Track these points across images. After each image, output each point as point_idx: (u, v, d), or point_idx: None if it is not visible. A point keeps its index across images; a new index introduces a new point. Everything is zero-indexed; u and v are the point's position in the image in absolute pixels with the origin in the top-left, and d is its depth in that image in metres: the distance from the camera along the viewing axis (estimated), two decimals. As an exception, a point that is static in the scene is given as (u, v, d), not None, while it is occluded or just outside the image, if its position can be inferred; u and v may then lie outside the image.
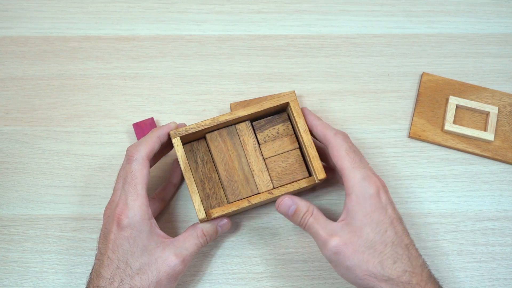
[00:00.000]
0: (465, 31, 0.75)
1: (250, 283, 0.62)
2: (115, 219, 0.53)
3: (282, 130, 0.60)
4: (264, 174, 0.59)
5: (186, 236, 0.56)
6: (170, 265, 0.53)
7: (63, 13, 0.74)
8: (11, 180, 0.66)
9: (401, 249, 0.52)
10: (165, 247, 0.54)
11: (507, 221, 0.65)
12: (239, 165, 0.59)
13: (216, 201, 0.59)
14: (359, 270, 0.52)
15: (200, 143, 0.61)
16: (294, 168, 0.59)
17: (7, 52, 0.72)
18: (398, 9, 0.76)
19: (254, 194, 0.58)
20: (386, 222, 0.53)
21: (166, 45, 0.73)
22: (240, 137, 0.59)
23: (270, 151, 0.60)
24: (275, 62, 0.72)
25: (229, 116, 0.58)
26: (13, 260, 0.62)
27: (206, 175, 0.60)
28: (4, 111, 0.69)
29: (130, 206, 0.53)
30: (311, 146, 0.57)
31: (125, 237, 0.53)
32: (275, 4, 0.76)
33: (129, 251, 0.52)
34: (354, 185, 0.54)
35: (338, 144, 0.56)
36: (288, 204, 0.56)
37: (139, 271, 0.52)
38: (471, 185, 0.67)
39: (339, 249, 0.52)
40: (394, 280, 0.51)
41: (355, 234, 0.53)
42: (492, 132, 0.67)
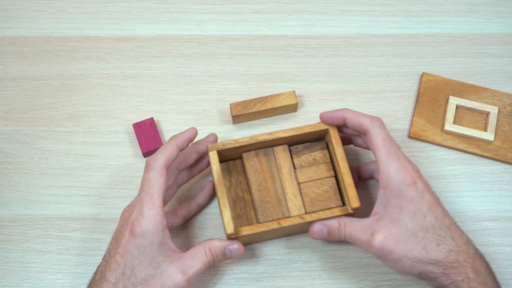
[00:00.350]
0: (465, 31, 0.75)
1: (250, 283, 0.62)
2: (129, 225, 0.53)
3: (319, 158, 0.60)
4: (297, 199, 0.58)
5: (194, 253, 0.55)
6: (175, 281, 0.52)
7: (63, 13, 0.74)
8: (11, 180, 0.66)
9: (443, 231, 0.53)
10: (173, 262, 0.53)
11: (507, 221, 0.65)
12: (273, 186, 0.59)
13: (246, 221, 0.59)
14: (405, 260, 0.53)
15: (236, 163, 0.61)
16: (328, 196, 0.59)
17: (7, 52, 0.72)
18: (398, 9, 0.76)
19: (285, 217, 0.58)
20: (424, 209, 0.54)
21: (166, 45, 0.73)
22: (276, 159, 0.60)
23: (305, 176, 0.59)
24: (275, 62, 0.72)
25: (267, 136, 0.58)
26: (13, 260, 0.62)
27: (238, 195, 0.60)
28: (4, 111, 0.69)
29: (145, 215, 0.53)
30: (347, 174, 0.57)
31: (135, 244, 0.52)
32: (275, 4, 0.76)
33: (137, 259, 0.52)
34: (389, 179, 0.54)
35: (375, 133, 0.56)
36: (320, 229, 0.57)
37: (143, 281, 0.52)
38: (471, 185, 0.67)
39: (382, 245, 0.53)
40: (441, 261, 0.52)
41: (393, 226, 0.53)
42: (492, 132, 0.67)
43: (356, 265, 0.63)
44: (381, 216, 0.55)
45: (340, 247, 0.63)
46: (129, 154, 0.67)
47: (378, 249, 0.53)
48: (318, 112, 0.69)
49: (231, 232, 0.54)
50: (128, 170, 0.66)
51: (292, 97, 0.68)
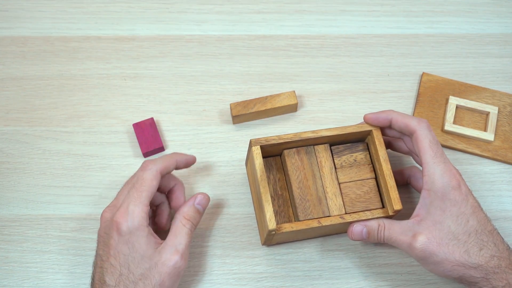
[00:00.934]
0: (465, 31, 0.75)
1: (250, 283, 0.62)
2: (114, 224, 0.53)
3: (360, 159, 0.60)
4: (337, 198, 0.58)
5: (174, 232, 0.55)
6: (170, 264, 0.53)
7: (63, 13, 0.74)
8: (11, 180, 0.66)
9: (486, 236, 0.53)
10: (161, 251, 0.54)
11: (507, 221, 0.65)
12: (314, 185, 0.59)
13: (284, 219, 0.59)
14: (447, 263, 0.53)
15: (276, 160, 0.61)
16: (368, 197, 0.59)
17: (7, 52, 0.72)
18: (398, 9, 0.76)
19: (325, 216, 0.58)
20: (468, 212, 0.54)
21: (166, 45, 0.73)
22: (317, 158, 0.59)
23: (346, 177, 0.59)
24: (275, 62, 0.72)
25: (311, 134, 0.58)
26: (13, 260, 0.62)
27: (277, 192, 0.60)
28: (4, 111, 0.69)
29: (130, 211, 0.53)
30: (390, 176, 0.57)
31: (124, 242, 0.53)
32: (275, 4, 0.76)
33: (130, 257, 0.53)
34: (434, 181, 0.54)
35: (423, 134, 0.55)
36: (359, 229, 0.57)
37: (141, 276, 0.52)
38: (471, 185, 0.67)
39: (424, 247, 0.53)
40: (483, 266, 0.52)
41: (436, 228, 0.53)
42: (492, 132, 0.67)
43: (356, 265, 0.63)
44: (423, 218, 0.54)
45: (340, 247, 0.63)
46: (129, 154, 0.67)
47: (420, 251, 0.53)
48: (318, 112, 0.69)
49: (273, 228, 0.54)
50: (128, 170, 0.66)
51: (292, 97, 0.68)
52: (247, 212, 0.65)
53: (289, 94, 0.68)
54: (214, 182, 0.66)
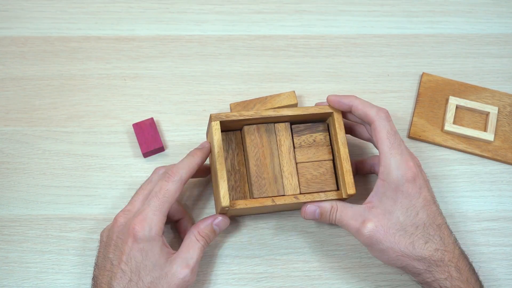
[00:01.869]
0: (465, 31, 0.75)
1: (250, 283, 0.62)
2: (131, 230, 0.53)
3: (319, 140, 0.60)
4: (293, 178, 0.58)
5: (187, 245, 0.56)
6: (180, 277, 0.53)
7: (63, 13, 0.74)
8: (11, 180, 0.66)
9: (433, 229, 0.54)
10: (173, 261, 0.54)
11: (507, 221, 0.65)
12: (271, 163, 0.59)
13: (239, 194, 0.59)
14: (392, 252, 0.54)
15: (235, 134, 0.61)
16: (324, 179, 0.59)
17: (7, 52, 0.72)
18: (398, 9, 0.76)
19: (279, 195, 0.58)
20: (418, 205, 0.54)
21: (166, 45, 0.73)
22: (277, 136, 0.59)
23: (303, 157, 0.59)
24: (275, 62, 0.72)
25: (272, 113, 0.57)
26: (13, 260, 0.62)
27: (234, 167, 0.60)
28: (4, 111, 0.69)
29: (149, 219, 0.53)
30: (347, 160, 0.57)
31: (139, 249, 0.53)
32: (275, 4, 0.76)
33: (142, 264, 0.53)
34: (389, 172, 0.54)
35: (380, 125, 0.56)
36: (312, 210, 0.57)
37: (150, 284, 0.52)
38: (471, 185, 0.67)
39: (371, 234, 0.54)
40: (427, 259, 0.53)
41: (385, 217, 0.54)
42: (492, 133, 0.67)
43: (356, 265, 0.63)
44: (374, 206, 0.55)
45: (340, 247, 0.63)
46: (129, 154, 0.67)
47: (367, 238, 0.54)
48: (318, 112, 0.69)
49: (226, 205, 0.54)
50: (128, 170, 0.66)
51: (292, 97, 0.68)
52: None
53: (289, 94, 0.68)
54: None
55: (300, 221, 0.64)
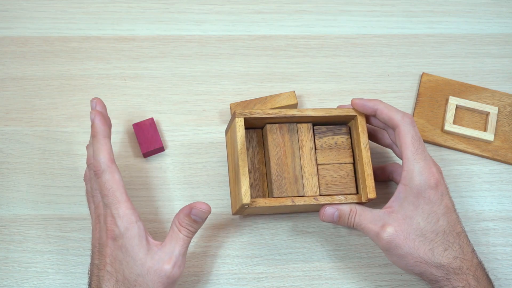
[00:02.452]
0: (465, 31, 0.75)
1: (250, 283, 0.62)
2: (108, 232, 0.53)
3: (341, 142, 0.60)
4: (313, 179, 0.58)
5: (170, 239, 0.54)
6: (162, 274, 0.52)
7: (63, 13, 0.74)
8: (11, 180, 0.66)
9: (453, 237, 0.54)
10: (154, 255, 0.53)
11: (507, 221, 0.65)
12: (292, 163, 0.58)
13: (258, 193, 0.59)
14: (410, 257, 0.54)
15: (256, 132, 0.61)
16: (344, 181, 0.59)
17: (7, 52, 0.72)
18: (398, 9, 0.76)
19: (299, 196, 0.58)
20: (440, 212, 0.54)
21: (166, 45, 0.73)
22: (299, 136, 0.59)
23: (324, 159, 0.59)
24: (275, 62, 0.72)
25: (296, 112, 0.57)
26: (13, 260, 0.62)
27: (254, 165, 0.60)
28: (4, 111, 0.69)
29: (116, 215, 0.52)
30: (368, 164, 0.57)
31: (118, 247, 0.52)
32: (275, 4, 0.76)
33: (124, 262, 0.52)
34: (412, 177, 0.54)
35: (405, 129, 0.56)
36: (331, 212, 0.57)
37: (135, 282, 0.52)
38: (471, 185, 0.67)
39: (391, 238, 0.54)
40: (445, 266, 0.53)
41: (405, 222, 0.54)
42: (492, 133, 0.67)
43: (356, 265, 0.63)
44: (394, 211, 0.55)
45: (340, 247, 0.63)
46: (129, 154, 0.67)
47: (386, 242, 0.54)
48: (318, 112, 0.69)
49: (247, 202, 0.54)
50: (128, 170, 0.66)
51: (292, 97, 0.68)
52: (247, 212, 0.65)
53: (289, 94, 0.68)
54: (214, 183, 0.66)
55: (300, 221, 0.65)
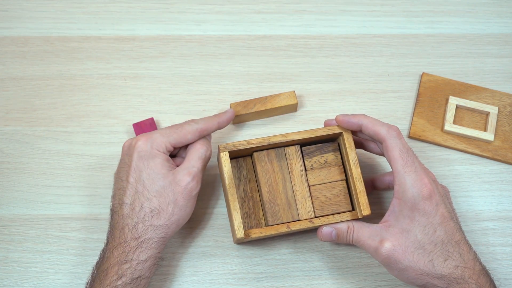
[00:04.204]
0: (465, 31, 0.75)
1: (250, 283, 0.62)
2: (136, 146, 0.57)
3: (331, 160, 0.60)
4: (307, 202, 0.58)
5: (188, 157, 0.58)
6: (182, 185, 0.56)
7: (63, 13, 0.74)
8: (11, 180, 0.66)
9: (452, 246, 0.54)
10: (176, 172, 0.57)
11: (507, 221, 0.65)
12: (283, 188, 0.59)
13: (255, 221, 0.59)
14: (411, 271, 0.53)
15: (246, 160, 0.61)
16: (338, 200, 0.59)
17: (7, 52, 0.72)
18: (398, 9, 0.76)
19: (294, 220, 0.58)
20: (436, 223, 0.54)
21: (166, 45, 0.73)
22: (288, 160, 0.59)
23: (316, 179, 0.59)
24: (275, 62, 0.72)
25: (280, 138, 0.57)
26: (13, 260, 0.62)
27: (247, 193, 0.60)
28: (4, 111, 0.69)
29: (153, 138, 0.57)
30: (359, 180, 0.57)
31: (142, 159, 0.57)
32: (275, 4, 0.76)
33: (146, 174, 0.56)
34: (404, 191, 0.54)
35: (392, 143, 0.55)
36: (329, 231, 0.57)
37: (156, 193, 0.56)
38: (471, 185, 0.67)
39: (390, 253, 0.53)
40: (447, 277, 0.53)
41: (403, 236, 0.54)
42: (492, 132, 0.67)
43: (356, 265, 0.63)
44: (391, 225, 0.55)
45: (340, 247, 0.63)
46: (129, 154, 0.67)
47: (385, 257, 0.54)
48: (318, 112, 0.69)
49: (241, 237, 0.55)
50: (128, 170, 0.66)
51: (292, 97, 0.68)
52: (247, 212, 0.65)
53: (289, 94, 0.68)
54: (214, 183, 0.66)
55: (300, 221, 0.65)
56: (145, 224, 0.55)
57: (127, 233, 0.55)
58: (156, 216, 0.55)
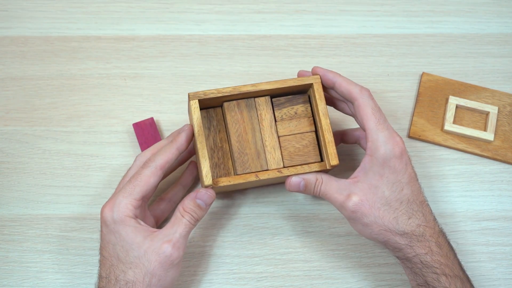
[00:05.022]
0: (465, 31, 0.75)
1: (250, 283, 0.62)
2: (101, 216, 0.54)
3: (301, 111, 0.60)
4: (276, 152, 0.58)
5: (171, 223, 0.54)
6: (160, 253, 0.52)
7: (63, 13, 0.74)
8: (11, 180, 0.66)
9: (416, 205, 0.55)
10: (154, 238, 0.53)
11: (507, 221, 0.65)
12: (253, 138, 0.58)
13: (223, 171, 0.59)
14: (375, 226, 0.54)
15: (216, 111, 0.60)
16: (307, 151, 0.59)
17: (7, 52, 0.72)
18: (398, 9, 0.76)
19: (263, 170, 0.58)
20: (404, 181, 0.55)
21: (166, 45, 0.73)
22: (258, 111, 0.59)
23: (285, 130, 0.59)
24: (275, 62, 0.72)
25: (251, 88, 0.57)
26: (13, 260, 0.62)
27: (217, 144, 0.60)
28: (4, 111, 0.69)
29: (118, 202, 0.53)
30: (328, 131, 0.57)
31: (111, 231, 0.53)
32: (275, 4, 0.76)
33: (118, 246, 0.53)
34: (377, 147, 0.54)
35: (364, 102, 0.56)
36: (297, 181, 0.57)
37: (131, 265, 0.52)
38: (471, 185, 0.67)
39: (356, 208, 0.54)
40: (408, 234, 0.54)
41: (370, 191, 0.55)
42: (492, 132, 0.67)
43: (356, 265, 0.63)
44: (360, 180, 0.55)
45: (340, 247, 0.63)
46: (129, 154, 0.67)
47: (351, 211, 0.54)
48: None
49: (209, 184, 0.54)
50: (128, 170, 0.66)
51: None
52: (247, 212, 0.65)
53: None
54: (214, 182, 0.66)
55: (300, 221, 0.65)
56: None
57: None
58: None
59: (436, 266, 0.53)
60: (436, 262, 0.53)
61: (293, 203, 0.66)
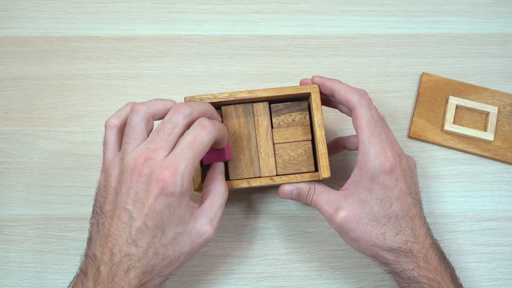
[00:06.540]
0: (465, 31, 0.75)
1: (250, 283, 0.62)
2: (160, 182, 0.48)
3: (299, 119, 0.59)
4: (270, 159, 0.58)
5: (211, 201, 0.53)
6: (203, 236, 0.51)
7: (63, 13, 0.74)
8: (11, 180, 0.66)
9: (405, 221, 0.54)
10: (197, 218, 0.51)
11: (507, 221, 0.65)
12: (247, 144, 0.58)
13: None
14: (363, 241, 0.54)
15: None
16: (301, 160, 0.58)
17: (7, 52, 0.72)
18: (398, 9, 0.76)
19: (255, 177, 0.58)
20: (393, 197, 0.54)
21: (166, 45, 0.73)
22: (255, 116, 0.59)
23: (281, 137, 0.59)
24: (275, 62, 0.72)
25: (247, 94, 0.57)
26: (13, 260, 0.62)
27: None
28: (4, 111, 0.69)
29: (182, 173, 0.48)
30: (323, 143, 0.56)
31: (166, 204, 0.48)
32: (275, 4, 0.76)
33: (168, 219, 0.49)
34: (367, 161, 0.54)
35: (361, 113, 0.55)
36: (290, 190, 0.57)
37: (173, 240, 0.50)
38: (471, 185, 0.67)
39: (343, 223, 0.54)
40: (396, 250, 0.54)
41: (359, 206, 0.54)
42: (492, 132, 0.67)
43: (356, 265, 0.63)
44: (350, 193, 0.55)
45: (340, 247, 0.63)
46: (129, 154, 0.67)
47: (338, 225, 0.55)
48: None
49: (196, 189, 0.55)
50: (128, 170, 0.66)
51: (292, 97, 0.68)
52: (246, 211, 0.65)
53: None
54: (214, 182, 0.66)
55: (300, 221, 0.65)
56: (153, 272, 0.50)
57: (132, 277, 0.49)
58: (167, 266, 0.50)
59: (423, 281, 0.53)
60: (424, 277, 0.53)
61: (293, 203, 0.66)
